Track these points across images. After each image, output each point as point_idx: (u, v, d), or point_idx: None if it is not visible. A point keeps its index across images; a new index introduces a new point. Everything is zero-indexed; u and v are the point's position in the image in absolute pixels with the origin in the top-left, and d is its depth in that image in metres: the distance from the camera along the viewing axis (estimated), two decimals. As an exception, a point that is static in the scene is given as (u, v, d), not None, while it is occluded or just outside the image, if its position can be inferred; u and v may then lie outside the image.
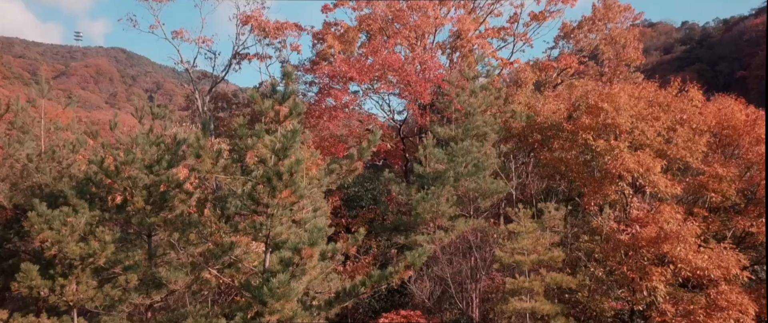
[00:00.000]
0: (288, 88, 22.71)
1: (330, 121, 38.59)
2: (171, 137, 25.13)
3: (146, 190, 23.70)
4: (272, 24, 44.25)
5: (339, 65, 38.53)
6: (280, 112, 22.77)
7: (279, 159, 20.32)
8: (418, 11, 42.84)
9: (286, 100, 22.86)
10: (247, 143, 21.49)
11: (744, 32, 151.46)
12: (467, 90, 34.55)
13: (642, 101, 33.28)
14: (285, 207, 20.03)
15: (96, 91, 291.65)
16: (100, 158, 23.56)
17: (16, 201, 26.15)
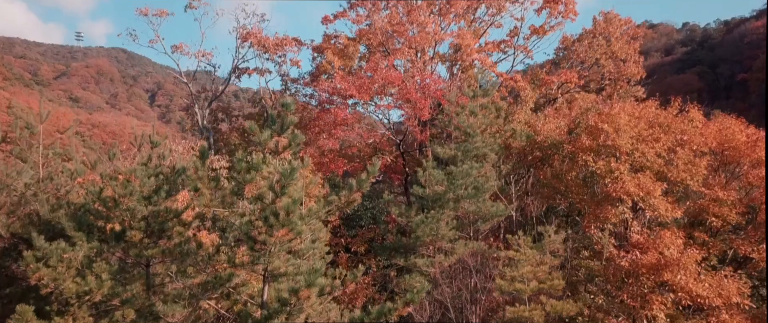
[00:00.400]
0: (287, 119, 22.66)
1: (329, 139, 38.49)
2: (170, 168, 24.98)
3: (144, 221, 23.58)
4: (272, 40, 44.18)
5: (339, 82, 38.44)
6: (279, 143, 22.72)
7: (276, 196, 20.20)
8: (418, 25, 42.72)
9: (285, 130, 22.79)
10: (245, 177, 21.36)
11: (745, 34, 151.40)
12: (467, 109, 34.44)
13: (642, 121, 33.16)
14: (282, 244, 19.97)
15: (97, 92, 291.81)
16: (98, 188, 23.44)
17: (14, 230, 26.03)
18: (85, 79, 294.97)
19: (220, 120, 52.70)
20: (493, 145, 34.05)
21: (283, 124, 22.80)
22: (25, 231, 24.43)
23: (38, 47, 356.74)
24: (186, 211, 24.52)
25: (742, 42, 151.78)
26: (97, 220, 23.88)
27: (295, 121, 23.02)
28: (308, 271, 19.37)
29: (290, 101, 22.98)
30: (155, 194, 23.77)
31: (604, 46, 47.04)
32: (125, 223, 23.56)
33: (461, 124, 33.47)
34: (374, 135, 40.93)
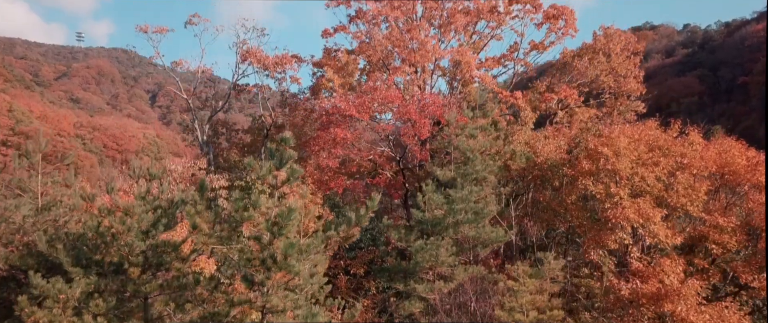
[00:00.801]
0: (285, 154, 22.61)
1: (329, 158, 38.42)
2: (168, 201, 24.88)
3: (142, 255, 23.52)
4: (272, 59, 44.16)
5: (339, 102, 38.40)
6: (278, 177, 22.68)
7: (274, 236, 20.15)
8: (418, 43, 42.71)
9: (284, 165, 22.73)
10: (243, 215, 21.30)
11: (746, 37, 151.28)
12: (467, 130, 34.37)
13: (642, 144, 33.09)
14: (280, 285, 19.95)
15: (97, 92, 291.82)
16: (96, 222, 23.39)
17: (12, 262, 25.94)
18: (86, 79, 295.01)
19: (220, 133, 52.62)
20: (493, 167, 33.94)
21: (282, 159, 22.72)
22: (23, 263, 24.39)
23: (39, 47, 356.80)
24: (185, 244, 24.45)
25: (742, 45, 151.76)
26: (94, 254, 23.83)
27: (294, 155, 22.97)
28: (306, 315, 19.29)
29: (288, 136, 22.93)
30: (153, 228, 23.71)
31: (604, 62, 46.95)
32: (123, 257, 23.50)
33: (461, 147, 33.39)
34: (374, 152, 40.78)
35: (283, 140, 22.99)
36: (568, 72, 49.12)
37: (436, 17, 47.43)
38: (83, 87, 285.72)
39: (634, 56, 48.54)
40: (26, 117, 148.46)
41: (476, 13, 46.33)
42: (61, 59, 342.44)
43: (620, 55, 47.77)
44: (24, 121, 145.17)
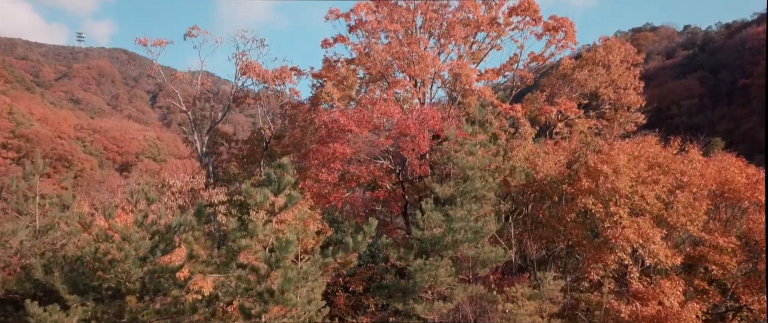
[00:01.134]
0: (284, 180, 22.58)
1: (329, 174, 38.34)
2: (165, 226, 24.82)
3: (140, 281, 23.48)
4: (271, 73, 44.12)
5: (338, 117, 38.31)
6: (275, 204, 22.63)
7: (271, 269, 20.09)
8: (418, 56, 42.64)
9: (282, 191, 22.69)
10: (240, 244, 21.22)
11: (746, 40, 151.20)
12: (466, 146, 34.27)
13: (642, 161, 32.99)
14: (277, 317, 19.90)
15: (98, 93, 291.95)
16: (94, 248, 23.34)
17: (9, 287, 25.85)
18: (87, 80, 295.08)
19: (220, 143, 52.58)
20: (493, 184, 33.84)
21: (280, 185, 22.68)
22: (20, 287, 24.33)
23: (40, 48, 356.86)
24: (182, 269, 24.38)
25: (743, 47, 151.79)
26: (91, 281, 23.76)
27: (292, 181, 22.94)
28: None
29: (287, 162, 22.91)
30: (151, 254, 23.66)
31: (604, 74, 46.85)
32: (121, 283, 23.44)
33: (460, 164, 33.30)
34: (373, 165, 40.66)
35: (281, 166, 22.96)
36: (567, 83, 49.01)
37: (436, 27, 47.36)
38: (84, 87, 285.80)
39: (633, 68, 48.40)
40: (27, 119, 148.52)
41: (476, 24, 46.22)
42: (61, 59, 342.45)
43: (620, 67, 47.64)
44: (24, 123, 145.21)
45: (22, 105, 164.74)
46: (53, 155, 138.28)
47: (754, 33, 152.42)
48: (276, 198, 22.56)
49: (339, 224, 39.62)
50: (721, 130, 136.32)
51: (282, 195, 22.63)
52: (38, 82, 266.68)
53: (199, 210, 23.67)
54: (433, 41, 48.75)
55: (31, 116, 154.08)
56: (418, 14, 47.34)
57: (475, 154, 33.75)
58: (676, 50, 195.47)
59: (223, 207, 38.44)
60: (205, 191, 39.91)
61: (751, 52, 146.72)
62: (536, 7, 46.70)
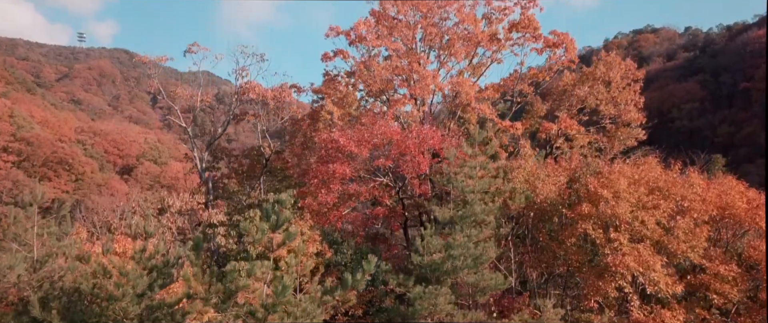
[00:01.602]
0: (281, 216, 22.52)
1: (328, 194, 38.26)
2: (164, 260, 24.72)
3: (138, 318, 23.40)
4: (270, 92, 44.08)
5: (338, 137, 38.25)
6: (273, 240, 22.58)
7: (269, 313, 20.03)
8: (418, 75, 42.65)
9: (280, 226, 22.64)
10: (238, 284, 21.15)
11: (747, 43, 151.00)
12: (466, 167, 34.17)
13: (642, 186, 32.89)
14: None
15: (99, 94, 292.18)
16: (91, 284, 23.28)
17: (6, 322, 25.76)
18: (88, 80, 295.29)
19: (219, 158, 52.52)
20: (493, 208, 33.70)
21: (278, 221, 22.63)
22: (18, 322, 24.27)
23: (41, 48, 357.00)
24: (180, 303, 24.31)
25: (744, 50, 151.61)
26: (89, 318, 23.69)
27: (290, 217, 22.87)
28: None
29: (285, 197, 22.82)
30: (149, 290, 23.59)
31: (604, 92, 46.79)
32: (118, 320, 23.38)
33: (459, 187, 33.19)
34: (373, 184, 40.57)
35: (279, 202, 22.89)
36: (567, 97, 48.97)
37: (436, 40, 47.31)
38: (85, 88, 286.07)
39: (634, 83, 48.32)
40: (27, 122, 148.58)
41: (476, 40, 46.15)
42: (62, 60, 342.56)
43: (620, 83, 47.61)
44: (25, 126, 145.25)
45: (23, 107, 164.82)
46: (54, 158, 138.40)
47: (755, 36, 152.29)
48: (274, 234, 22.49)
49: (338, 245, 39.53)
50: (722, 133, 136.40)
51: (279, 232, 22.57)
52: (39, 83, 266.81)
53: (197, 244, 23.57)
54: (434, 54, 48.80)
55: (31, 119, 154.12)
56: (418, 29, 47.31)
57: (475, 177, 33.62)
58: (676, 52, 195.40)
59: (222, 229, 38.34)
60: (205, 211, 39.78)
61: (752, 55, 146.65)
62: (536, 24, 46.68)
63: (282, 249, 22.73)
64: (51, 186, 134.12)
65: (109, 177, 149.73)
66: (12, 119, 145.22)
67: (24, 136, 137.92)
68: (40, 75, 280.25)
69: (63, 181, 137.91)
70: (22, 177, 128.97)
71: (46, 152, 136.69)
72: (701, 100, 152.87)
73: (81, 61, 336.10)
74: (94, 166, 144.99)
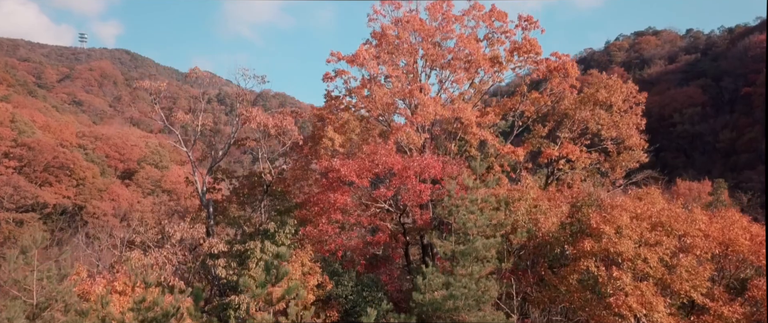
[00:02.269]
0: (281, 270, 22.41)
1: (329, 225, 38.19)
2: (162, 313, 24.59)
3: (138, 371, 23.32)
4: (271, 121, 43.90)
5: (339, 166, 38.12)
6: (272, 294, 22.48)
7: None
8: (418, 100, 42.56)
9: (279, 280, 22.53)
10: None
11: (749, 48, 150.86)
12: (467, 200, 34.04)
13: (644, 221, 32.73)
14: None
15: (100, 95, 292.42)
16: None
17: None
18: (89, 82, 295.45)
19: (220, 179, 52.39)
20: (494, 243, 33.51)
21: (278, 275, 22.52)
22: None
23: (42, 49, 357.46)
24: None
25: (746, 55, 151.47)
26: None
27: (289, 271, 22.77)
28: None
29: (284, 251, 22.75)
30: (149, 343, 23.49)
31: (607, 117, 46.66)
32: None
33: (460, 222, 33.06)
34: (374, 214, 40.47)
35: (279, 256, 22.79)
36: (569, 119, 48.88)
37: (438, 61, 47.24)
38: (86, 89, 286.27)
39: (635, 107, 48.17)
40: (29, 127, 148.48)
41: (477, 64, 46.08)
42: (63, 61, 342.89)
43: (622, 106, 47.52)
44: (27, 131, 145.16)
45: (25, 112, 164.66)
46: (55, 164, 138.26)
47: (756, 41, 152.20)
48: (273, 288, 22.40)
49: (340, 277, 39.44)
50: (724, 139, 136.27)
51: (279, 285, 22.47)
52: (40, 84, 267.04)
53: (197, 295, 23.47)
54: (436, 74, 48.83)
55: (33, 124, 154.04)
56: (418, 53, 47.30)
57: (476, 212, 33.48)
58: (678, 55, 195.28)
59: (222, 260, 38.20)
60: (206, 240, 39.64)
61: (754, 60, 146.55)
62: (538, 49, 46.64)
63: (282, 303, 22.62)
64: (52, 191, 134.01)
65: (110, 182, 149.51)
66: (13, 124, 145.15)
67: (25, 141, 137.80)
68: (41, 76, 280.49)
69: (64, 187, 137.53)
70: (24, 182, 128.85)
71: (48, 157, 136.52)
72: (703, 104, 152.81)
73: (82, 62, 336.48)
74: (95, 171, 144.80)
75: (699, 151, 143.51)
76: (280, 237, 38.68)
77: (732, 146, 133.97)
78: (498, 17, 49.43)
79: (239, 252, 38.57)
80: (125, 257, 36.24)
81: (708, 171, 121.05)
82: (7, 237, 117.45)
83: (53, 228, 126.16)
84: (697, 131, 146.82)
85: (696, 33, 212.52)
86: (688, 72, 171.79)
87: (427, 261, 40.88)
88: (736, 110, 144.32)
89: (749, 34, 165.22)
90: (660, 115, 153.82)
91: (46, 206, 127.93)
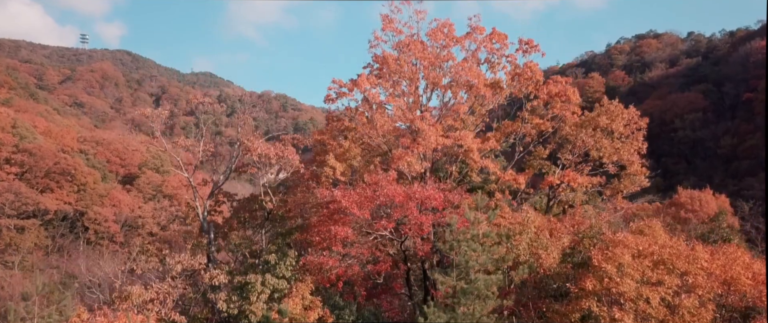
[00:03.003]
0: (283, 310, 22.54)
1: (330, 258, 38.10)
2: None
3: None
4: (273, 151, 44.00)
5: (340, 198, 38.04)
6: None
7: None
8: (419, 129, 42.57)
9: None
10: None
11: (750, 54, 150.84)
12: (468, 235, 33.99)
13: (646, 259, 32.66)
14: None
15: (102, 96, 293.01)
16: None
17: None
18: (90, 83, 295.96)
19: (222, 202, 52.40)
20: (495, 280, 33.49)
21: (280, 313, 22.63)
22: None
23: (43, 50, 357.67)
24: None
25: (747, 60, 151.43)
26: None
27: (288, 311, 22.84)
28: None
29: (285, 308, 22.81)
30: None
31: (608, 145, 46.62)
32: None
33: (462, 261, 33.02)
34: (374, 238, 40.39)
35: (280, 312, 22.87)
36: (570, 142, 48.87)
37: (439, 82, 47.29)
38: (87, 91, 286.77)
39: (637, 132, 48.11)
40: (30, 133, 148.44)
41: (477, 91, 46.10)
42: (65, 62, 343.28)
43: (624, 132, 47.50)
44: (28, 137, 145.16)
45: (26, 117, 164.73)
46: (56, 170, 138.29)
47: (758, 46, 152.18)
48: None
49: (340, 310, 39.42)
50: (725, 145, 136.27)
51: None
52: (42, 86, 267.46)
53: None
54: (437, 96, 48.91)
55: (34, 129, 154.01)
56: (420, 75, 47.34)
57: (477, 250, 33.44)
58: (679, 58, 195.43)
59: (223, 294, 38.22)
60: (207, 272, 39.65)
61: (755, 66, 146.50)
62: (539, 76, 46.76)
63: None
64: (53, 197, 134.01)
65: (111, 188, 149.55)
66: (15, 130, 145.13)
67: (26, 147, 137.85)
68: (43, 78, 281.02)
69: (65, 192, 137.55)
70: (25, 189, 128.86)
71: (49, 163, 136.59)
72: (704, 110, 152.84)
73: (84, 63, 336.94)
74: (96, 176, 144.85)
75: (700, 156, 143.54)
76: (280, 269, 38.66)
77: (733, 152, 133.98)
78: (498, 39, 49.49)
79: (240, 283, 38.57)
80: (126, 292, 36.20)
81: (709, 178, 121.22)
82: (8, 244, 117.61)
83: (54, 235, 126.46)
84: (698, 137, 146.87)
85: (697, 36, 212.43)
86: (689, 76, 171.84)
87: (428, 286, 40.81)
88: (738, 116, 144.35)
89: (750, 38, 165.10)
90: (661, 119, 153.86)
91: (47, 212, 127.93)
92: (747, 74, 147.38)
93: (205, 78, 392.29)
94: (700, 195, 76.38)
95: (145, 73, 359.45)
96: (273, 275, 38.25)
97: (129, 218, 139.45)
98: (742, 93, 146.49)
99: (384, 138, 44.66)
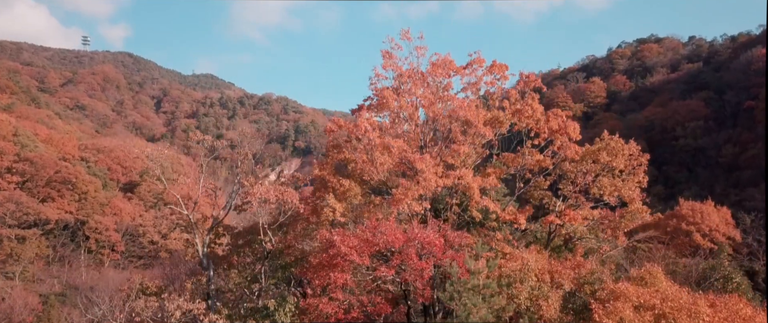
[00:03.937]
0: None
1: (328, 304, 37.96)
2: None
3: None
4: (273, 193, 43.97)
5: (339, 243, 37.88)
6: None
7: None
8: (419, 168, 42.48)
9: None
10: None
11: (752, 61, 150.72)
12: (469, 285, 33.97)
13: (648, 313, 32.56)
14: None
15: (103, 99, 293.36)
16: None
17: None
18: (92, 86, 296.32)
19: (221, 234, 52.36)
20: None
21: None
22: None
23: (45, 52, 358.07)
24: None
25: (749, 68, 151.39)
26: None
27: None
28: None
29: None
30: None
31: (609, 184, 46.49)
32: None
33: (462, 315, 33.00)
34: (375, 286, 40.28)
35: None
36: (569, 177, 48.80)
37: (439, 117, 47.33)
38: (89, 93, 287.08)
39: (638, 168, 47.95)
40: (31, 141, 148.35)
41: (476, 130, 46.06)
42: (66, 64, 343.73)
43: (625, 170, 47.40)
44: (29, 145, 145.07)
45: (27, 124, 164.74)
46: (58, 179, 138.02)
47: (759, 54, 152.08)
48: None
49: (339, 359, 39.26)
50: (726, 154, 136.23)
51: None
52: (43, 89, 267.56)
53: None
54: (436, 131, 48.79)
55: (35, 137, 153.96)
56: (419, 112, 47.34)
57: (477, 304, 33.42)
58: (680, 63, 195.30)
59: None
60: (206, 317, 39.53)
61: (757, 74, 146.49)
62: (539, 115, 46.60)
63: None
64: (54, 206, 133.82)
65: (112, 196, 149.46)
66: (16, 138, 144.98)
67: (28, 155, 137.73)
68: (44, 80, 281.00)
69: (66, 201, 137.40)
70: (26, 198, 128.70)
71: (50, 172, 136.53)
72: (705, 118, 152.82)
73: (85, 65, 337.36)
74: (97, 185, 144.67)
75: (701, 165, 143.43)
76: (280, 315, 38.53)
77: (734, 161, 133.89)
78: (498, 71, 49.53)
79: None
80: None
81: (711, 187, 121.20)
82: (9, 255, 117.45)
83: (55, 244, 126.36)
84: (699, 145, 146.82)
85: (698, 40, 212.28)
86: (690, 83, 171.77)
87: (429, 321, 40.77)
88: (739, 124, 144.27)
89: (752, 44, 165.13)
90: (663, 127, 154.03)
91: (48, 222, 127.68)
92: (748, 82, 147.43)
93: (206, 80, 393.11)
94: (702, 207, 76.14)
95: (147, 75, 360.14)
96: (272, 322, 38.15)
97: (130, 227, 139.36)
98: (743, 101, 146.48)
99: (384, 175, 44.54)
